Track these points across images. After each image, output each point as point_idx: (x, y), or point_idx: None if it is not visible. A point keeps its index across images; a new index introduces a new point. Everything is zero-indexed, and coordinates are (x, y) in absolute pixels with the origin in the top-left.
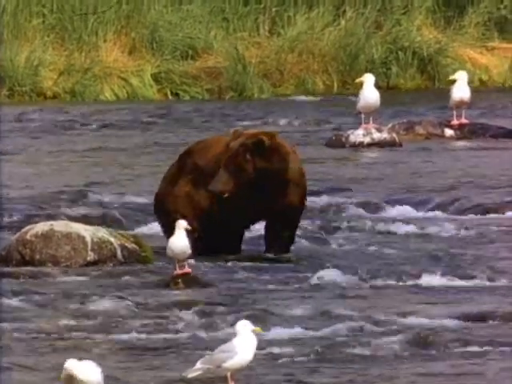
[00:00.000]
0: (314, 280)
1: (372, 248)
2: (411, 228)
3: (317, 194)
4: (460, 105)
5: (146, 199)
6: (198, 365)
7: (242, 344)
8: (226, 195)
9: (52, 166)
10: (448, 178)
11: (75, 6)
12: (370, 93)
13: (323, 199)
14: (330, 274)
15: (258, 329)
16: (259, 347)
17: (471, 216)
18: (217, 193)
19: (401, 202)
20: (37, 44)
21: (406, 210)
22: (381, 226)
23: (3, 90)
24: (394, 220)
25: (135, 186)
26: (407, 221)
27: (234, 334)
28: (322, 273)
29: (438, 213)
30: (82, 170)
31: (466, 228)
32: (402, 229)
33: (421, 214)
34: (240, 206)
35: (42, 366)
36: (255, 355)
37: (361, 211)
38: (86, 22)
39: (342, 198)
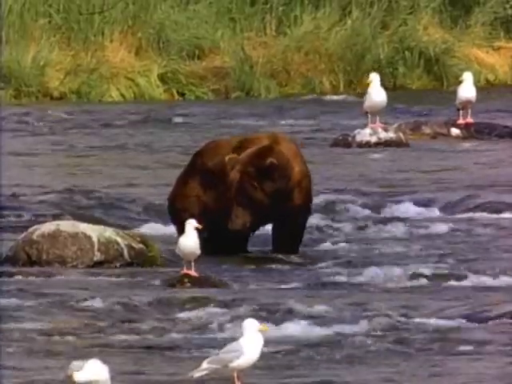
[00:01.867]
0: (319, 279)
1: (377, 247)
2: (417, 227)
3: (323, 193)
4: (466, 105)
5: (153, 199)
6: (205, 365)
7: (249, 343)
8: (248, 226)
9: (58, 166)
10: (454, 178)
11: (81, 5)
12: (376, 93)
13: (330, 199)
14: (334, 274)
15: (264, 327)
16: (265, 346)
17: (477, 215)
18: (240, 231)
19: (407, 202)
20: (43, 44)
21: (413, 210)
22: (387, 226)
23: (9, 90)
24: (399, 219)
25: (142, 186)
26: (413, 220)
27: (241, 333)
28: (327, 272)
29: (444, 212)
30: (89, 169)
31: (472, 227)
32: (407, 228)
33: (427, 213)
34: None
35: (48, 365)
36: (261, 354)
37: (367, 210)
38: (93, 21)
39: (348, 198)
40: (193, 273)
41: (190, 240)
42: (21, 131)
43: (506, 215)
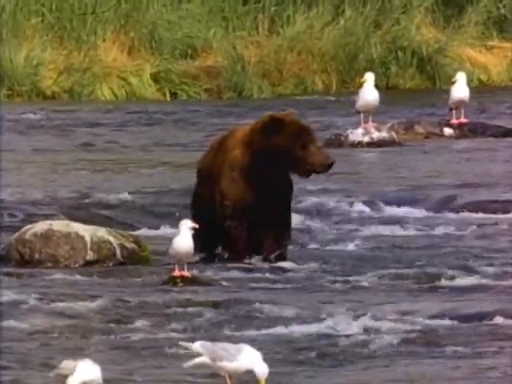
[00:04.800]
0: (311, 280)
1: (371, 247)
2: (410, 227)
3: (315, 193)
4: (459, 104)
5: (145, 199)
6: (198, 346)
7: (248, 357)
8: None
9: (51, 166)
10: (447, 177)
11: (74, 5)
12: (368, 92)
13: (322, 199)
14: (328, 274)
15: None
16: (258, 347)
17: (470, 215)
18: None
19: (400, 202)
20: (36, 43)
21: (405, 210)
22: (379, 226)
23: (2, 90)
24: (392, 219)
25: (134, 186)
26: (406, 220)
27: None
28: (319, 273)
29: (436, 212)
30: (81, 169)
31: (465, 227)
32: (400, 228)
33: (420, 213)
34: None
35: (40, 365)
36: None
37: (359, 211)
38: (85, 21)
39: (340, 198)
40: (185, 273)
41: (185, 240)
42: (13, 131)
43: (500, 215)
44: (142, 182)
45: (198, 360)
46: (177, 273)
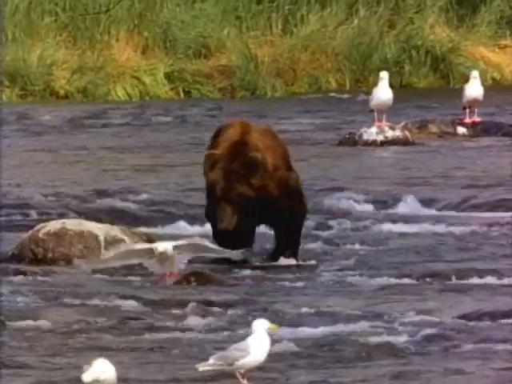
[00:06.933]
0: (324, 278)
1: (381, 246)
2: (423, 226)
3: (329, 192)
4: (473, 103)
5: (159, 198)
6: (211, 360)
7: (256, 344)
8: (239, 224)
9: (65, 165)
10: (461, 176)
11: (88, 4)
12: (383, 91)
13: (336, 197)
14: (341, 272)
15: (274, 327)
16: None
17: (484, 214)
18: (229, 230)
19: (414, 201)
20: (49, 43)
21: (418, 208)
22: (392, 224)
23: (15, 89)
24: (405, 218)
25: (148, 185)
26: (420, 219)
27: (250, 332)
28: (332, 271)
29: (450, 211)
30: (95, 168)
31: (479, 226)
32: (414, 227)
33: (433, 212)
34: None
35: (53, 364)
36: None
37: (372, 209)
38: (99, 20)
39: (354, 197)
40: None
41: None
42: (27, 130)
43: None
44: (156, 181)
45: (211, 362)
46: (189, 271)
